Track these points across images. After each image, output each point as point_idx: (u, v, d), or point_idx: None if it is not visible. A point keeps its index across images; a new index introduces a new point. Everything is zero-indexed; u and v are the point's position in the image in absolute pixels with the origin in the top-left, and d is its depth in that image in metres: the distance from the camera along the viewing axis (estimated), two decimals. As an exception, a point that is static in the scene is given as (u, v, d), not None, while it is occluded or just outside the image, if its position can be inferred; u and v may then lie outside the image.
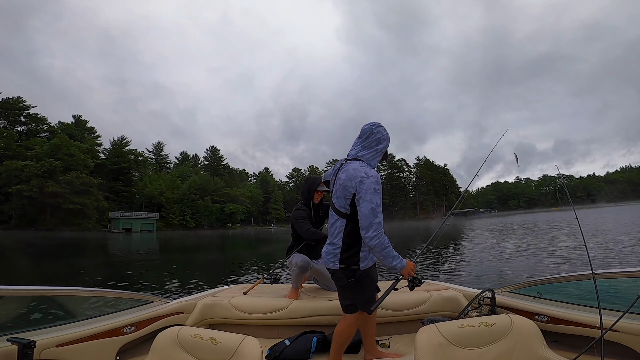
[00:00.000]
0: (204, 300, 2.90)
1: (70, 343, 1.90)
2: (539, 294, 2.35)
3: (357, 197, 1.95)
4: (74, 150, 57.74)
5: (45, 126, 65.96)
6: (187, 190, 74.09)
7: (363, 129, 2.13)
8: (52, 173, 53.36)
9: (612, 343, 1.76)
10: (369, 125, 2.13)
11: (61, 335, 1.89)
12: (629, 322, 1.72)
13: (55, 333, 1.91)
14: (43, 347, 1.76)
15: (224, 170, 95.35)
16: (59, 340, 1.86)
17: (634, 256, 10.07)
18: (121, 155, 70.93)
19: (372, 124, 2.13)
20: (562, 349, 1.86)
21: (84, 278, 11.53)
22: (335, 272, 2.14)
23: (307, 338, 2.47)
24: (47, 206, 53.81)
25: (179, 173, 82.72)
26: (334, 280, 2.26)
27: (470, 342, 1.63)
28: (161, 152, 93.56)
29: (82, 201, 55.39)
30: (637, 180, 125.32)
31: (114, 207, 63.68)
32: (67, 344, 1.89)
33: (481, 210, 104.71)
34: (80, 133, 68.77)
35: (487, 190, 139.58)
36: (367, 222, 1.89)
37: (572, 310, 2.09)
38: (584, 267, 3.36)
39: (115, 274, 12.37)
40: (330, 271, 2.19)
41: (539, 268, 9.48)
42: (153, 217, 67.07)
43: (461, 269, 10.43)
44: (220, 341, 1.64)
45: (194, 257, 19.99)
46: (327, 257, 2.13)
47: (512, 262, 10.99)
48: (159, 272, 12.94)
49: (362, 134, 2.13)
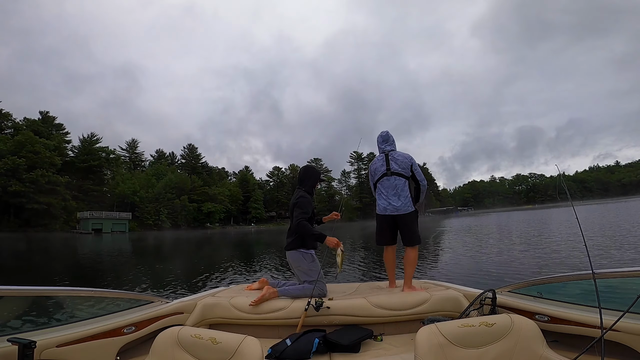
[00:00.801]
0: (204, 301, 2.92)
1: (70, 343, 1.92)
2: (539, 293, 2.35)
3: (413, 168, 3.39)
4: (40, 147, 55.20)
5: (9, 122, 63.00)
6: (163, 189, 72.13)
7: (387, 136, 3.56)
8: (15, 171, 51.06)
9: (613, 343, 1.75)
10: (386, 133, 3.57)
11: (61, 336, 1.90)
12: (629, 322, 1.70)
13: (56, 333, 1.92)
14: (43, 348, 1.78)
15: (202, 168, 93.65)
16: (60, 341, 1.87)
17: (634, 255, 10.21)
18: (91, 152, 67.86)
19: (386, 132, 3.59)
20: (563, 349, 1.86)
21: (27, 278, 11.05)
22: (410, 213, 3.31)
23: (308, 338, 2.45)
24: (10, 206, 51.75)
25: (154, 171, 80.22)
26: (406, 223, 3.32)
27: (470, 342, 1.63)
28: (135, 150, 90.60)
29: (48, 201, 53.38)
30: (604, 179, 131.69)
31: (84, 207, 61.06)
32: (67, 344, 1.90)
33: (459, 209, 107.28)
34: (48, 130, 65.72)
35: (464, 189, 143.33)
36: (423, 177, 3.44)
37: (572, 310, 2.07)
38: (584, 266, 2.97)
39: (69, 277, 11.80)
40: (404, 216, 3.31)
41: (539, 267, 9.54)
42: (125, 217, 64.59)
43: (461, 269, 10.44)
44: (221, 341, 1.63)
45: (165, 260, 18.95)
46: (400, 204, 3.30)
47: (511, 262, 11.03)
48: (124, 276, 12.27)
49: (386, 138, 3.55)
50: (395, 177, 3.36)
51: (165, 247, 28.43)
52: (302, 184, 3.34)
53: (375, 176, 3.48)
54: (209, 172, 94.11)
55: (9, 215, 52.08)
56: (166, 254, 22.39)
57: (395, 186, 3.34)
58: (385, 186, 3.38)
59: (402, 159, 3.41)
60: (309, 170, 3.47)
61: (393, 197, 3.33)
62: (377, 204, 3.45)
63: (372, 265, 11.67)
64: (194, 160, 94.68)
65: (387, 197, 3.36)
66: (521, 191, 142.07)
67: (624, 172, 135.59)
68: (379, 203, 3.41)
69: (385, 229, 3.42)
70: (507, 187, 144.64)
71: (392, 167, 3.39)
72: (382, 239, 3.47)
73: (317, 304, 2.70)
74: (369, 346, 2.56)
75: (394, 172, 3.37)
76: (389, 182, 3.37)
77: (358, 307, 2.80)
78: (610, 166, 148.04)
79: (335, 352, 2.46)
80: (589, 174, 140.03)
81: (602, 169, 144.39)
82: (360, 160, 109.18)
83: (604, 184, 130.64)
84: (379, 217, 3.43)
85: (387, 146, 3.53)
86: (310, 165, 3.40)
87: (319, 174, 3.44)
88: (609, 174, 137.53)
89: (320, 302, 2.73)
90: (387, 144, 3.54)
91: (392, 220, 3.36)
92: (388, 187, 3.36)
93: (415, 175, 3.41)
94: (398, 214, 3.32)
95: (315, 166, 3.04)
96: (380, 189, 3.41)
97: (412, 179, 3.42)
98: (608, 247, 11.73)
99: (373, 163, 3.57)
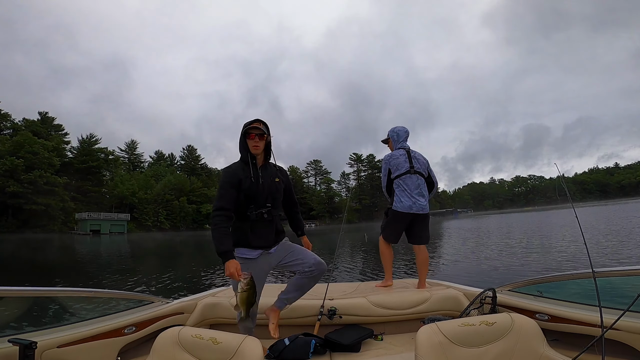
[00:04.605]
0: (204, 301, 2.93)
1: (71, 344, 1.92)
2: (540, 292, 2.34)
3: (429, 169, 3.52)
4: (38, 148, 55.03)
5: (8, 123, 62.82)
6: (162, 190, 71.93)
7: (408, 132, 3.63)
8: (13, 172, 50.87)
9: (613, 341, 1.75)
10: (407, 129, 3.64)
11: (62, 336, 1.90)
12: (629, 321, 1.70)
13: (57, 334, 1.92)
14: (44, 348, 1.78)
15: (201, 169, 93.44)
16: (60, 341, 1.88)
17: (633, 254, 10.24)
18: (90, 153, 67.74)
19: (406, 128, 3.66)
20: (563, 348, 1.86)
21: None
22: (427, 214, 3.40)
23: (305, 340, 2.44)
24: (8, 207, 51.58)
25: (153, 173, 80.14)
26: (425, 222, 3.41)
27: (470, 341, 1.62)
28: (134, 151, 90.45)
29: (46, 202, 53.11)
30: (603, 180, 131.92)
31: (82, 208, 60.78)
32: (68, 345, 1.90)
33: (458, 210, 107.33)
34: (46, 130, 65.62)
35: (464, 191, 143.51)
36: (437, 179, 3.58)
37: (572, 308, 2.07)
38: (584, 265, 2.98)
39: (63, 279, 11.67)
40: (427, 215, 3.41)
41: (539, 266, 9.56)
42: (124, 219, 64.29)
43: (461, 268, 10.45)
44: (221, 341, 1.63)
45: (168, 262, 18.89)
46: (426, 203, 3.37)
47: (511, 261, 11.03)
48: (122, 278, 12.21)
49: (407, 135, 3.61)
50: (418, 176, 3.39)
51: (164, 248, 28.34)
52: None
53: (397, 171, 3.41)
54: (208, 174, 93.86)
55: (7, 216, 51.87)
56: (166, 255, 22.33)
57: (418, 185, 3.36)
58: (408, 184, 3.35)
59: (422, 159, 3.49)
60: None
61: (418, 196, 3.33)
62: (400, 201, 3.34)
63: (372, 265, 11.67)
64: (193, 162, 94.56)
65: (411, 195, 3.33)
66: (520, 193, 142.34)
67: (623, 174, 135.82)
68: (403, 201, 3.32)
69: (402, 227, 3.41)
70: (506, 189, 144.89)
71: (415, 166, 3.41)
72: (398, 237, 3.46)
73: (329, 312, 2.71)
74: (370, 346, 2.56)
75: (417, 170, 3.39)
76: (413, 181, 3.36)
77: (358, 306, 2.80)
78: (609, 168, 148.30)
79: (335, 351, 2.46)
80: (588, 176, 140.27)
81: (601, 171, 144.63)
82: (360, 162, 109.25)
83: (603, 186, 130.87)
84: (401, 214, 3.34)
85: (406, 143, 3.57)
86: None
87: (245, 127, 2.27)
88: (608, 176, 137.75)
89: (333, 309, 2.72)
90: (406, 141, 3.59)
91: (411, 218, 3.35)
92: (412, 185, 3.35)
93: (432, 177, 3.50)
94: (422, 213, 3.35)
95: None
96: (403, 186, 3.36)
97: (426, 180, 3.49)
98: (608, 246, 11.75)
99: (394, 157, 3.48)
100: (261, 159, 2.34)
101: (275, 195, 2.35)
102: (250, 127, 2.24)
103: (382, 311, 2.78)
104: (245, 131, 2.25)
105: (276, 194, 2.35)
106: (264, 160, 2.35)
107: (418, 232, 3.41)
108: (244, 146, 2.27)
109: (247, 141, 2.25)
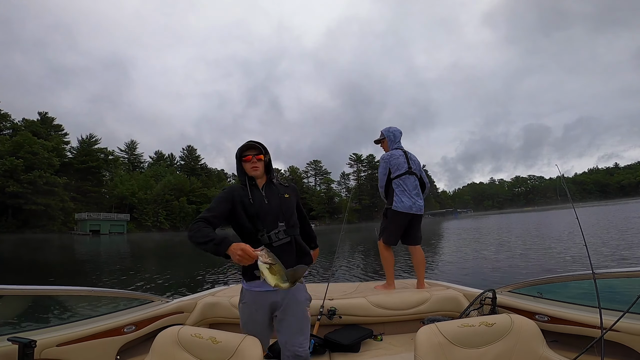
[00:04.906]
0: (204, 300, 2.94)
1: (70, 342, 1.92)
2: (539, 293, 2.35)
3: (422, 171, 3.54)
4: (38, 148, 54.87)
5: (8, 123, 62.64)
6: (162, 190, 71.76)
7: (399, 132, 3.62)
8: (13, 172, 50.75)
9: (613, 343, 1.76)
10: (399, 129, 3.65)
11: (62, 335, 1.91)
12: (629, 322, 1.71)
13: (56, 332, 1.93)
14: (44, 347, 1.79)
15: (201, 170, 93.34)
16: (60, 340, 1.88)
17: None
18: (89, 153, 67.52)
19: (399, 129, 3.68)
20: (563, 349, 1.86)
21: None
22: (422, 215, 3.43)
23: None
24: (8, 207, 51.48)
25: (152, 173, 79.92)
26: (419, 222, 3.46)
27: (470, 342, 1.63)
28: (134, 152, 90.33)
29: (46, 202, 52.98)
30: (603, 180, 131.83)
31: (82, 209, 60.65)
32: (67, 344, 1.91)
33: (458, 211, 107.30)
34: (46, 130, 65.41)
35: (464, 191, 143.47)
36: (427, 180, 3.60)
37: (572, 310, 2.09)
38: (584, 266, 2.96)
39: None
40: (419, 215, 3.40)
41: (539, 268, 9.54)
42: (123, 219, 64.14)
43: (460, 269, 10.43)
44: (221, 341, 1.64)
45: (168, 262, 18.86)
46: (423, 204, 3.43)
47: (511, 262, 11.00)
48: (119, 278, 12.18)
49: (401, 135, 3.63)
50: (414, 177, 3.45)
51: (164, 248, 28.29)
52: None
53: (397, 171, 3.42)
54: (208, 174, 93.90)
55: (6, 216, 51.75)
56: (165, 255, 22.28)
57: (416, 186, 3.43)
58: (407, 184, 3.39)
59: (417, 160, 3.56)
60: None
61: (416, 196, 3.39)
62: (401, 201, 3.35)
63: (373, 266, 11.65)
64: (193, 162, 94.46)
65: (411, 196, 3.37)
66: (520, 193, 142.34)
67: (623, 174, 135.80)
68: (404, 201, 3.35)
69: (402, 227, 3.42)
70: (506, 190, 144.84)
71: (412, 166, 3.45)
72: (398, 239, 3.46)
73: (329, 312, 2.71)
74: (369, 346, 2.56)
75: (414, 171, 3.44)
76: (411, 181, 3.41)
77: (358, 306, 2.80)
78: (609, 168, 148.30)
79: (335, 351, 2.45)
80: (588, 176, 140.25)
81: (601, 171, 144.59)
82: (360, 162, 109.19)
83: (603, 186, 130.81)
84: (402, 215, 3.35)
85: (401, 144, 3.62)
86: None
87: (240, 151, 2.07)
88: (608, 176, 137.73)
89: (333, 309, 2.71)
90: (400, 140, 3.63)
91: (410, 219, 3.38)
92: (411, 185, 3.40)
93: (423, 178, 3.54)
94: (419, 214, 3.40)
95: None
96: (403, 186, 3.39)
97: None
98: (608, 246, 11.73)
99: (394, 157, 3.48)
100: (262, 181, 2.08)
101: (288, 212, 2.03)
102: (246, 150, 2.04)
103: (381, 311, 2.78)
104: (240, 154, 2.04)
105: (288, 211, 2.04)
106: (266, 180, 2.10)
107: (414, 232, 3.43)
108: (241, 171, 2.06)
109: (243, 165, 2.04)
